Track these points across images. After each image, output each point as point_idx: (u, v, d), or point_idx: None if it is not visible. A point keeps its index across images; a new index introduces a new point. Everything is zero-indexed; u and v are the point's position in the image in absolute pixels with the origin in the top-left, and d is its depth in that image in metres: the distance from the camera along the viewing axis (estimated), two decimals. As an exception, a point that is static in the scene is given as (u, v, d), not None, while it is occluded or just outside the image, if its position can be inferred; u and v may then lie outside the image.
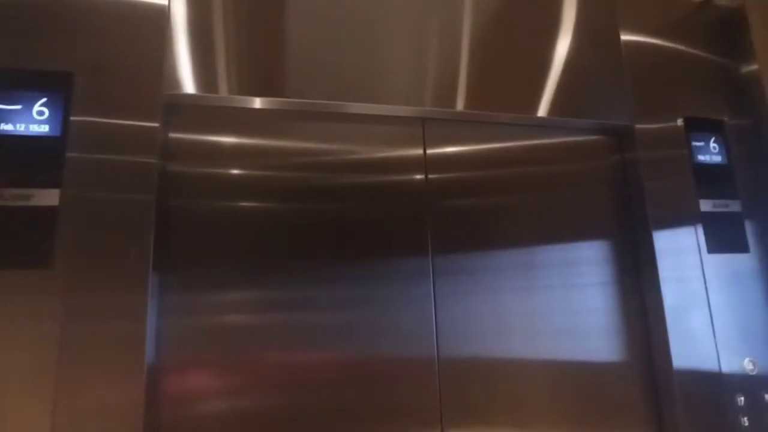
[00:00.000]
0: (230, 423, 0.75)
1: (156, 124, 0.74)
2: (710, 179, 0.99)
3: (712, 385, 0.90)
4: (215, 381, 0.75)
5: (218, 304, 0.78)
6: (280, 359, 0.78)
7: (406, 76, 0.90)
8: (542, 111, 0.95)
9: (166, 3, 0.80)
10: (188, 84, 0.79)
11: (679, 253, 0.94)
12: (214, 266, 0.79)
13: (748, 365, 0.92)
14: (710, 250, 0.95)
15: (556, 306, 0.92)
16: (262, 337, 0.78)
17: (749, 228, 1.00)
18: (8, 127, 0.69)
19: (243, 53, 0.84)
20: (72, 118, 0.71)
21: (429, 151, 0.93)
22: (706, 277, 0.94)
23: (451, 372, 0.85)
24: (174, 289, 0.76)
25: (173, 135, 0.82)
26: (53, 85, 0.72)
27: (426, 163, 0.93)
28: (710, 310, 0.93)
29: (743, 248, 0.98)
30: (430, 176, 0.92)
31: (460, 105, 0.92)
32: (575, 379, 0.90)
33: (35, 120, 0.70)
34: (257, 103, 0.85)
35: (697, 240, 0.95)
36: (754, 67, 1.09)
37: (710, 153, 1.01)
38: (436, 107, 0.91)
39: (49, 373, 0.64)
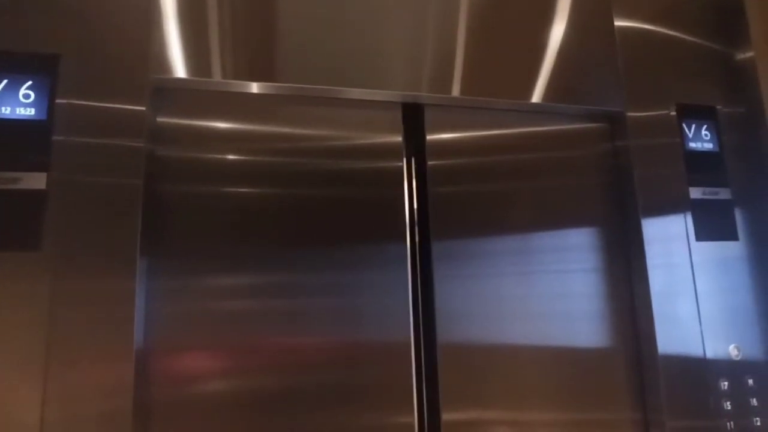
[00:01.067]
0: (216, 404, 0.76)
1: (143, 108, 0.74)
2: (701, 167, 0.99)
3: (697, 370, 0.92)
4: (202, 363, 0.76)
5: (203, 288, 0.78)
6: (268, 342, 0.79)
7: (402, 60, 0.90)
8: (536, 97, 0.95)
9: (155, -16, 0.79)
10: (179, 68, 0.79)
11: (668, 240, 0.95)
12: (201, 251, 0.79)
13: (732, 351, 0.93)
14: (699, 238, 0.96)
15: (545, 291, 0.93)
16: (248, 321, 0.79)
17: (739, 216, 1.00)
18: (-6, 111, 0.69)
19: (237, 36, 0.83)
20: (58, 101, 0.71)
21: (428, 137, 0.93)
22: (693, 265, 0.95)
23: (448, 355, 0.86)
24: (162, 273, 0.76)
25: (162, 119, 0.81)
26: (39, 67, 0.71)
27: (424, 150, 0.93)
28: (697, 297, 0.94)
29: (732, 236, 0.98)
30: (428, 163, 0.92)
31: (455, 90, 0.91)
32: (564, 362, 0.92)
33: (21, 103, 0.70)
34: (254, 88, 0.85)
35: (686, 227, 0.96)
36: (749, 54, 1.08)
37: (702, 140, 1.01)
38: (432, 92, 0.90)
39: (38, 356, 0.64)
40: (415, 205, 0.93)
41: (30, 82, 0.70)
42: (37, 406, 0.63)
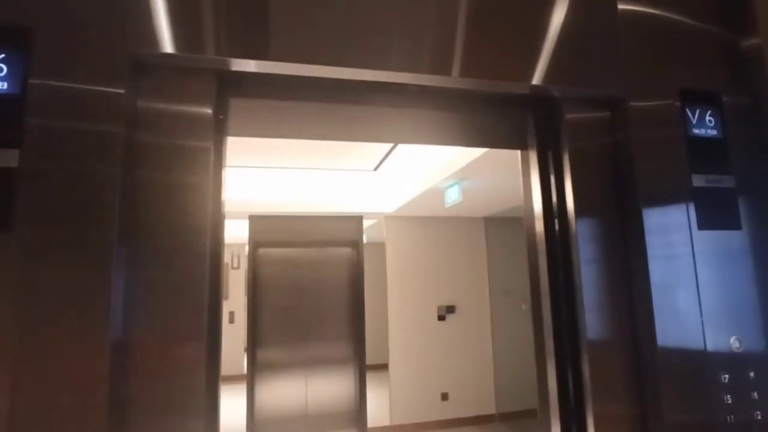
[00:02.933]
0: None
1: (121, 90, 0.70)
2: (704, 153, 0.96)
3: (697, 363, 0.89)
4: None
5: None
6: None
7: (401, 40, 0.86)
8: (537, 79, 0.91)
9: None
10: (166, 43, 0.75)
11: (669, 228, 0.92)
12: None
13: (734, 343, 0.91)
14: (701, 227, 0.93)
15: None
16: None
17: (742, 205, 0.97)
18: (-36, 84, 0.65)
19: (230, 11, 0.79)
20: (32, 79, 0.67)
21: None
22: (695, 254, 0.92)
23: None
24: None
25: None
26: (12, 40, 0.67)
27: None
28: (698, 288, 0.91)
29: (735, 225, 0.95)
30: None
31: (455, 72, 0.88)
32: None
33: (-7, 77, 0.66)
34: (252, 66, 0.81)
35: (688, 215, 0.93)
36: (756, 40, 1.05)
37: (706, 126, 0.97)
38: (432, 74, 0.87)
39: (7, 339, 0.61)
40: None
41: (2, 55, 0.67)
42: (4, 398, 0.60)
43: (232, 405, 4.90)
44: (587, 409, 0.90)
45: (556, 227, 1.00)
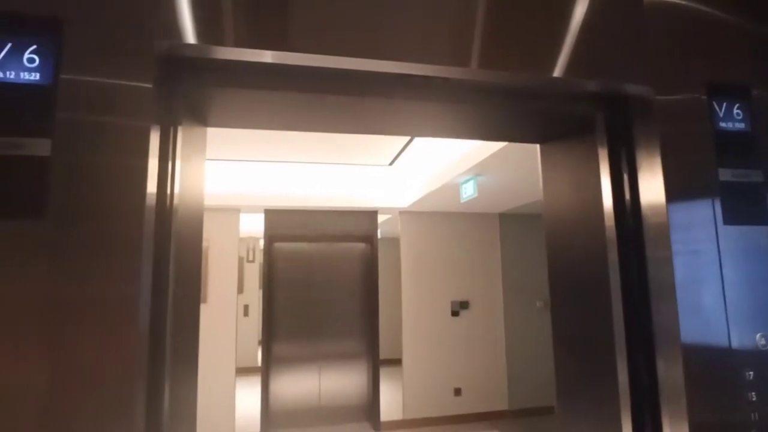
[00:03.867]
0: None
1: (149, 85, 0.71)
2: (732, 147, 0.94)
3: (721, 360, 0.88)
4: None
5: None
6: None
7: (420, 32, 0.86)
8: (558, 72, 0.91)
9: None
10: (189, 34, 0.76)
11: (694, 223, 0.91)
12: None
13: (760, 341, 0.89)
14: (727, 222, 0.91)
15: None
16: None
17: (770, 200, 0.95)
18: (-2, 75, 0.67)
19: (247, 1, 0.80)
20: (63, 69, 0.68)
21: None
22: (720, 250, 0.91)
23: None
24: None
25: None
26: (44, 31, 0.69)
27: None
28: (723, 284, 0.90)
29: (762, 220, 0.93)
30: None
31: (474, 64, 0.87)
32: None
33: (26, 68, 0.68)
34: (268, 57, 0.82)
35: (714, 210, 0.91)
36: (785, 32, 1.02)
37: (733, 120, 0.96)
38: (450, 65, 0.87)
39: (41, 326, 0.63)
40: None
41: (35, 47, 0.68)
42: (42, 384, 0.62)
43: (246, 396, 4.96)
44: (663, 409, 0.90)
45: (629, 222, 0.99)
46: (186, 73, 0.83)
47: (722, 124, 0.95)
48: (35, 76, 0.68)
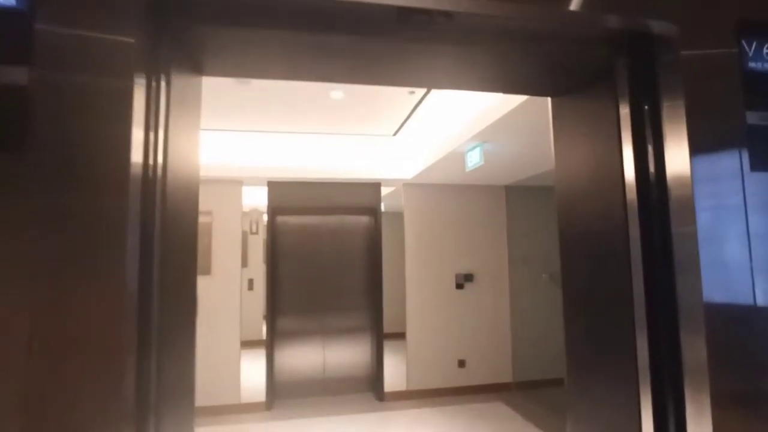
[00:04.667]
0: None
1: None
2: (761, 89, 0.88)
3: (745, 320, 0.83)
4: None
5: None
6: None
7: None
8: (574, 5, 0.84)
9: None
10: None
11: (719, 171, 0.85)
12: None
13: (786, 295, 0.84)
14: (754, 168, 0.85)
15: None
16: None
17: (800, 145, 0.89)
18: (-32, -4, 0.61)
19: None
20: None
21: None
22: (746, 199, 0.85)
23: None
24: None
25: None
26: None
27: None
28: (749, 238, 0.85)
29: (791, 167, 0.88)
30: None
31: None
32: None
33: (-1, -12, 0.62)
34: None
35: (740, 156, 0.86)
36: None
37: (763, 60, 0.89)
38: None
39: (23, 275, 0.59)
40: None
41: (8, -34, 0.62)
42: (23, 333, 0.58)
43: (252, 368, 5.00)
44: (686, 381, 0.86)
45: (653, 191, 0.94)
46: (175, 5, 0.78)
47: (751, 64, 0.88)
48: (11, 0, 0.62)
